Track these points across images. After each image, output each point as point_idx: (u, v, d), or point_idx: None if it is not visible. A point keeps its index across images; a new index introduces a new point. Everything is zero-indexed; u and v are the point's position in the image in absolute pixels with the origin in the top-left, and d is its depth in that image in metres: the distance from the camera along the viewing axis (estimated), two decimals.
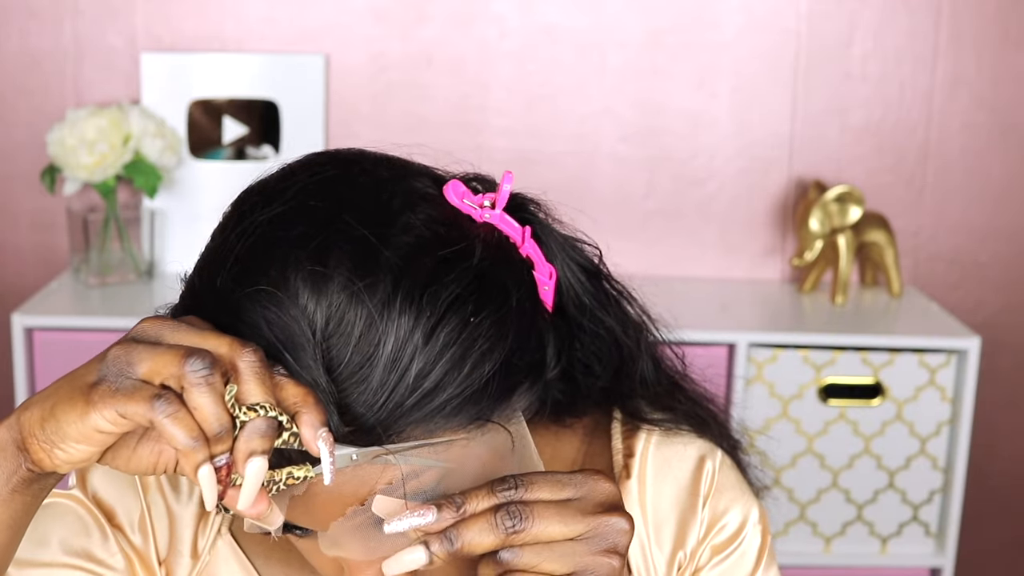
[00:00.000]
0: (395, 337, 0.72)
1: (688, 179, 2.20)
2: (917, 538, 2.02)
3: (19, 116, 2.14)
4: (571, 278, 0.85)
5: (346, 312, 0.72)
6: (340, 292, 0.72)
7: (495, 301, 0.75)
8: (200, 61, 2.10)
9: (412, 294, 0.72)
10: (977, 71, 2.18)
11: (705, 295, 2.13)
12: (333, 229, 0.74)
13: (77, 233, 2.05)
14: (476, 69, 2.15)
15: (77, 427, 0.69)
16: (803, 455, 1.97)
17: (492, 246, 0.78)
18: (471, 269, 0.75)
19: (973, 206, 2.23)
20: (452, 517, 0.73)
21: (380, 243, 0.73)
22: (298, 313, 0.72)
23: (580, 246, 0.87)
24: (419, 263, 0.73)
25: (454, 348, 0.73)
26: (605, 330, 0.87)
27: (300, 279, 0.72)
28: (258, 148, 2.13)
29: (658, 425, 0.94)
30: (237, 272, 0.75)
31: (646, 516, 0.93)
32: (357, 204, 0.76)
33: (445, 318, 0.73)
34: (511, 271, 0.78)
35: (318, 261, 0.73)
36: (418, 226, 0.75)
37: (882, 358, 1.95)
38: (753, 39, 2.16)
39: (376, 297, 0.72)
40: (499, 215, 0.80)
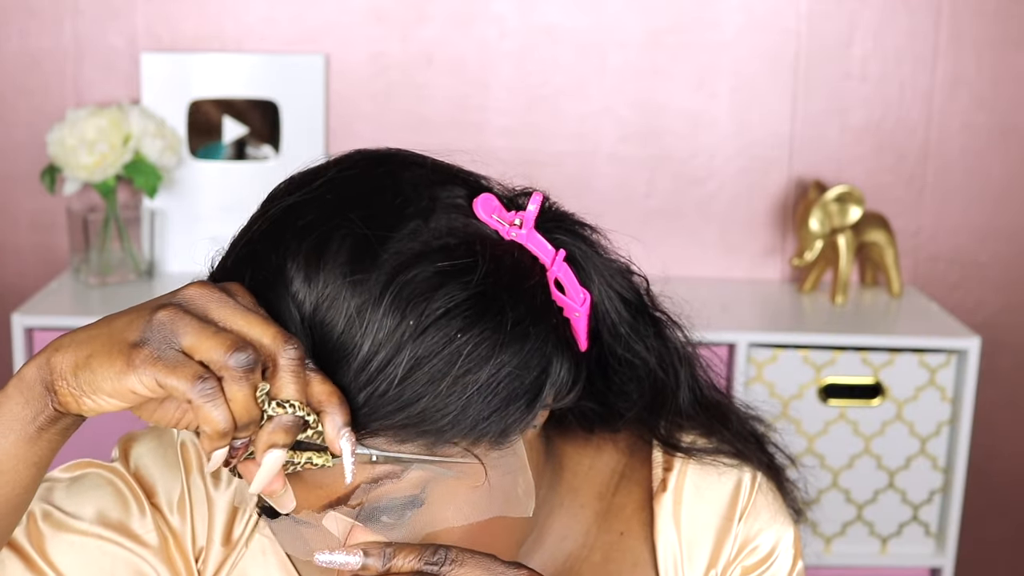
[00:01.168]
0: (374, 338, 0.72)
1: (688, 179, 2.20)
2: (917, 538, 2.02)
3: (19, 116, 2.14)
4: (608, 305, 0.84)
5: (332, 302, 0.73)
6: (330, 283, 0.73)
7: (489, 322, 0.74)
8: (200, 61, 2.10)
9: (399, 300, 0.73)
10: (977, 71, 2.18)
11: (705, 295, 2.13)
12: (337, 223, 0.75)
13: (77, 233, 2.05)
14: (476, 69, 2.15)
15: (112, 383, 0.70)
16: (803, 455, 1.97)
17: (503, 266, 0.77)
18: (469, 286, 0.74)
19: (973, 206, 2.23)
20: (376, 567, 0.73)
21: (380, 244, 0.74)
22: (289, 297, 0.73)
23: (626, 274, 0.87)
24: (415, 271, 0.74)
25: (433, 362, 0.73)
26: (640, 361, 0.87)
27: (295, 265, 0.74)
28: (258, 148, 2.14)
29: (694, 455, 0.93)
30: (246, 254, 0.77)
31: (680, 532, 0.93)
32: (368, 203, 0.76)
33: (429, 331, 0.73)
34: (518, 297, 0.77)
35: (315, 250, 0.74)
36: (426, 234, 0.75)
37: (882, 358, 1.95)
38: (753, 39, 2.16)
39: (363, 295, 0.73)
40: (526, 234, 0.79)
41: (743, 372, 1.92)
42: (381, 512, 0.75)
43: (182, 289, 0.72)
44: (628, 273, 0.87)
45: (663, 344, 0.89)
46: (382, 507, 0.75)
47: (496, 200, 0.80)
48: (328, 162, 0.82)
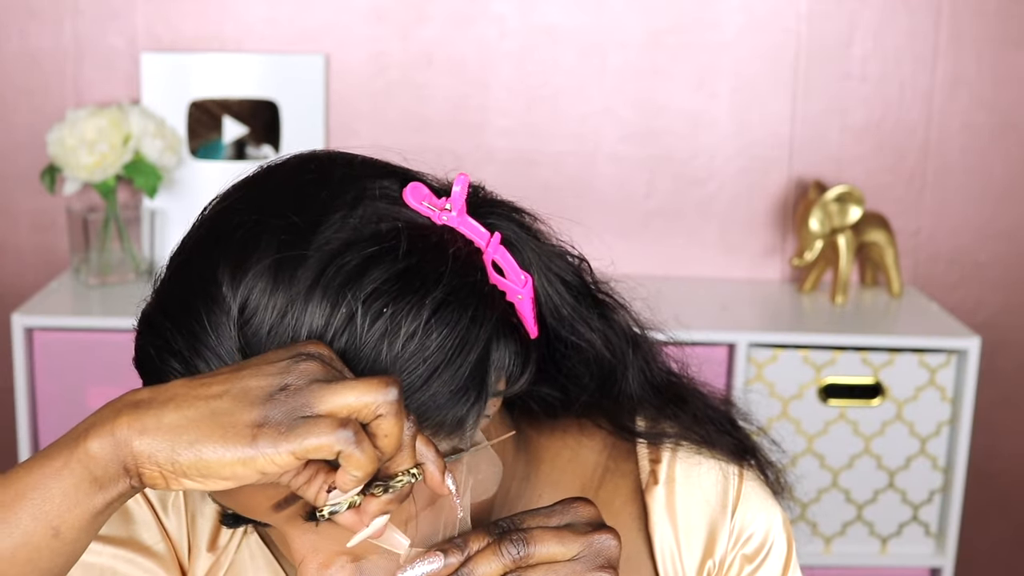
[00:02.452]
0: (308, 328, 0.73)
1: (688, 179, 2.20)
2: (917, 538, 2.02)
3: (19, 116, 2.14)
4: (549, 288, 0.84)
5: (261, 300, 0.73)
6: (256, 280, 0.73)
7: (415, 296, 0.75)
8: (200, 61, 2.10)
9: (329, 287, 0.73)
10: (977, 71, 2.18)
11: (705, 295, 2.13)
12: (263, 221, 0.76)
13: (77, 233, 2.05)
14: (476, 69, 2.15)
15: (233, 469, 0.68)
16: (803, 455, 1.97)
17: (429, 246, 0.77)
18: (395, 264, 0.75)
19: (973, 206, 2.23)
20: (458, 560, 0.75)
21: (306, 237, 0.75)
22: (220, 300, 0.74)
23: (565, 256, 0.87)
24: (342, 257, 0.74)
25: (367, 339, 0.73)
26: (586, 343, 0.87)
27: (223, 267, 0.74)
28: (258, 148, 2.14)
29: (655, 440, 0.94)
30: (179, 264, 0.78)
31: (675, 522, 0.93)
32: (294, 200, 0.77)
33: (360, 311, 0.73)
34: (445, 270, 0.77)
35: (242, 250, 0.74)
36: (353, 223, 0.76)
37: (882, 358, 1.95)
38: (753, 39, 2.16)
39: (293, 288, 0.73)
40: (458, 218, 0.79)
41: (743, 372, 1.92)
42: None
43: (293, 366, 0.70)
44: (566, 255, 0.87)
45: (608, 326, 0.89)
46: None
47: (426, 188, 0.80)
48: (260, 167, 0.82)
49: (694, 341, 2.02)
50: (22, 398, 1.88)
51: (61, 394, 1.90)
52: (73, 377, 1.89)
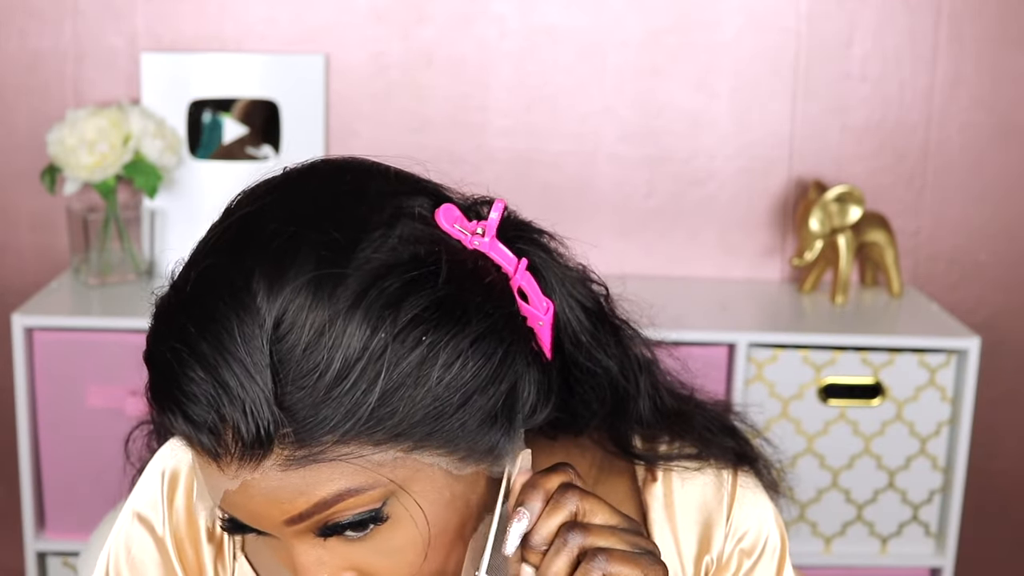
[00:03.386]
0: (346, 350, 0.72)
1: (688, 179, 2.20)
2: (917, 538, 2.02)
3: (19, 116, 2.14)
4: (569, 315, 0.84)
5: (298, 317, 0.72)
6: (295, 296, 0.72)
7: (455, 326, 0.74)
8: (200, 61, 2.10)
9: (370, 309, 0.72)
10: (977, 71, 2.18)
11: (705, 295, 2.13)
12: (303, 233, 0.74)
13: (77, 233, 2.05)
14: (476, 69, 2.15)
15: None
16: (803, 455, 1.97)
17: (467, 273, 0.77)
18: (435, 292, 0.74)
19: (973, 206, 2.23)
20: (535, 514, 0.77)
21: (346, 256, 0.73)
22: (254, 311, 0.72)
23: (586, 282, 0.87)
24: (383, 280, 0.73)
25: (404, 366, 0.73)
26: (602, 370, 0.87)
27: (259, 277, 0.73)
28: (258, 148, 2.14)
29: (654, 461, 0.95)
30: (208, 267, 0.75)
31: (673, 519, 0.94)
32: (332, 213, 0.76)
33: (398, 338, 0.72)
34: (483, 300, 0.77)
35: (279, 262, 0.73)
36: (391, 244, 0.75)
37: (882, 358, 1.95)
38: (753, 39, 2.16)
39: (332, 307, 0.72)
40: (489, 243, 0.79)
41: (743, 372, 1.92)
42: (343, 528, 0.75)
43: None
44: (587, 281, 0.88)
45: (623, 352, 0.90)
46: (344, 522, 0.75)
47: (458, 210, 0.80)
48: (287, 171, 0.81)
49: (694, 341, 2.02)
50: (22, 398, 1.88)
51: (61, 394, 1.90)
52: (73, 377, 1.89)
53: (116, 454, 1.95)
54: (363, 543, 0.76)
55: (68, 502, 1.94)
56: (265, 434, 0.71)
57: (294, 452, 0.72)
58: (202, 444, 0.73)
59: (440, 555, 0.78)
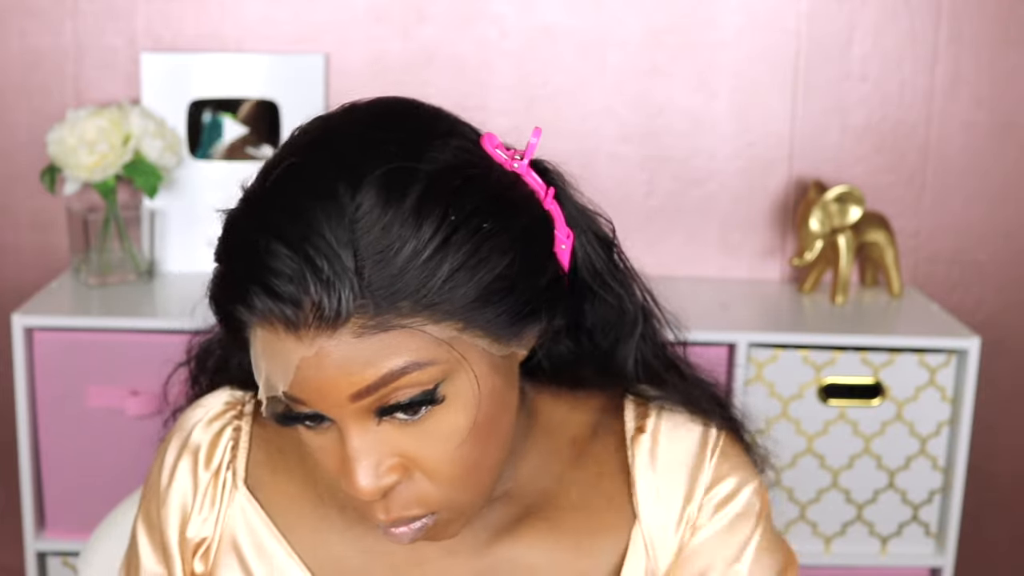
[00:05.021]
0: (418, 231, 0.79)
1: (688, 179, 2.20)
2: (917, 538, 2.02)
3: (19, 116, 2.14)
4: (587, 244, 0.93)
5: (377, 202, 0.80)
6: (373, 186, 0.80)
7: (507, 219, 0.84)
8: (200, 61, 2.10)
9: (439, 198, 0.81)
10: (977, 71, 2.18)
11: (705, 295, 2.13)
12: (376, 135, 0.83)
13: (77, 233, 2.05)
14: (476, 69, 2.15)
15: None
16: (803, 455, 1.97)
17: (510, 183, 0.87)
18: (490, 188, 0.84)
19: (973, 206, 2.23)
20: None
21: (416, 153, 0.83)
22: (336, 196, 0.80)
23: (596, 218, 0.97)
24: (448, 175, 0.82)
25: (466, 248, 0.81)
26: (613, 297, 0.96)
27: (339, 169, 0.81)
28: (258, 148, 2.14)
29: (664, 407, 1.01)
30: (287, 167, 0.83)
31: (656, 468, 0.99)
32: (401, 122, 0.86)
33: (462, 226, 0.81)
34: (526, 206, 0.87)
35: (357, 156, 0.82)
36: (452, 149, 0.85)
37: (882, 358, 1.95)
38: (753, 39, 2.16)
39: (407, 195, 0.80)
40: (526, 167, 0.90)
41: (743, 372, 1.92)
42: (398, 409, 0.81)
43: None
44: (598, 216, 0.98)
45: (629, 284, 0.98)
46: (400, 403, 0.81)
47: (498, 139, 0.91)
48: (346, 105, 0.89)
49: (694, 341, 2.02)
50: (22, 398, 1.88)
51: (61, 394, 1.90)
52: (73, 377, 1.89)
53: (116, 454, 1.96)
54: (414, 428, 0.83)
55: (68, 502, 1.94)
56: (345, 302, 0.78)
57: (368, 320, 0.79)
58: (284, 315, 0.79)
59: (479, 445, 0.85)
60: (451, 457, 0.84)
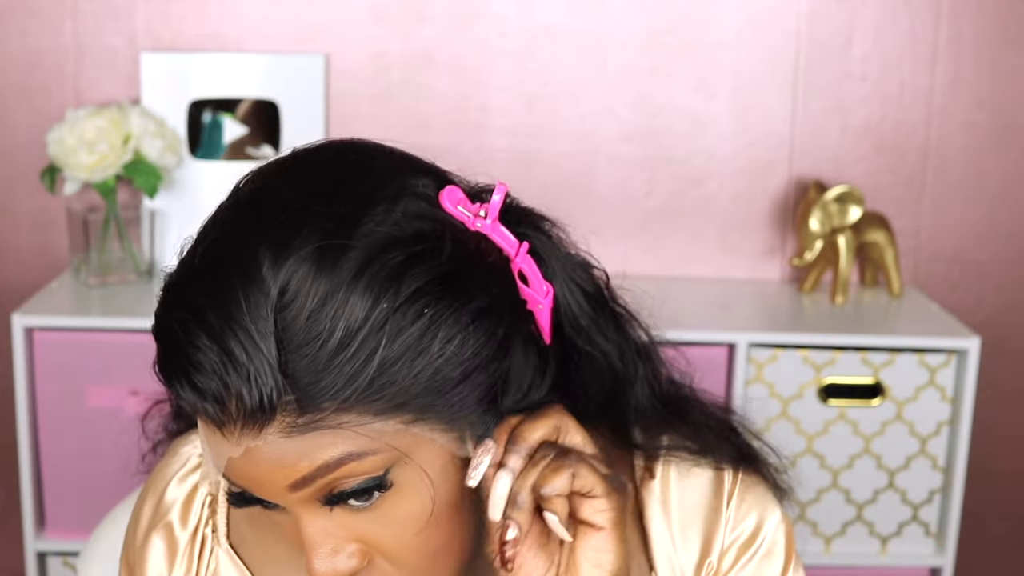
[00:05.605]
0: (348, 319, 0.73)
1: (688, 179, 2.20)
2: (917, 538, 2.02)
3: (19, 116, 2.14)
4: (570, 299, 0.86)
5: (302, 286, 0.73)
6: (299, 267, 0.74)
7: (457, 301, 0.76)
8: (200, 61, 2.10)
9: (373, 280, 0.74)
10: (977, 71, 2.18)
11: (705, 295, 2.13)
12: (308, 207, 0.76)
13: (77, 233, 2.05)
14: (476, 69, 2.15)
15: None
16: (803, 455, 1.97)
17: (469, 252, 0.79)
18: (438, 266, 0.76)
19: (973, 206, 2.23)
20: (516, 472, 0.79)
21: (350, 228, 0.75)
22: (259, 281, 0.74)
23: (586, 268, 0.89)
24: (387, 253, 0.75)
25: (404, 338, 0.75)
26: (601, 353, 0.88)
27: (265, 249, 0.74)
28: (258, 148, 2.13)
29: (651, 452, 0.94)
30: (216, 239, 0.78)
31: (670, 516, 0.93)
32: (338, 189, 0.78)
33: (401, 308, 0.74)
34: (485, 279, 0.79)
35: (285, 234, 0.75)
36: (396, 218, 0.77)
37: (882, 358, 1.95)
38: (753, 39, 2.16)
39: (336, 277, 0.74)
40: (491, 225, 0.81)
41: (743, 372, 1.92)
42: (346, 497, 0.77)
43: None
44: (588, 267, 0.89)
45: (623, 338, 0.90)
46: (345, 491, 0.76)
47: (461, 192, 0.82)
48: (295, 151, 0.83)
49: (694, 341, 2.02)
50: (22, 398, 1.88)
51: (61, 394, 1.90)
52: (73, 377, 1.89)
53: (116, 454, 1.95)
54: (369, 514, 0.78)
55: (68, 502, 1.94)
56: (268, 401, 0.73)
57: (296, 419, 0.74)
58: (207, 412, 0.75)
59: (444, 530, 0.80)
60: (412, 544, 0.79)
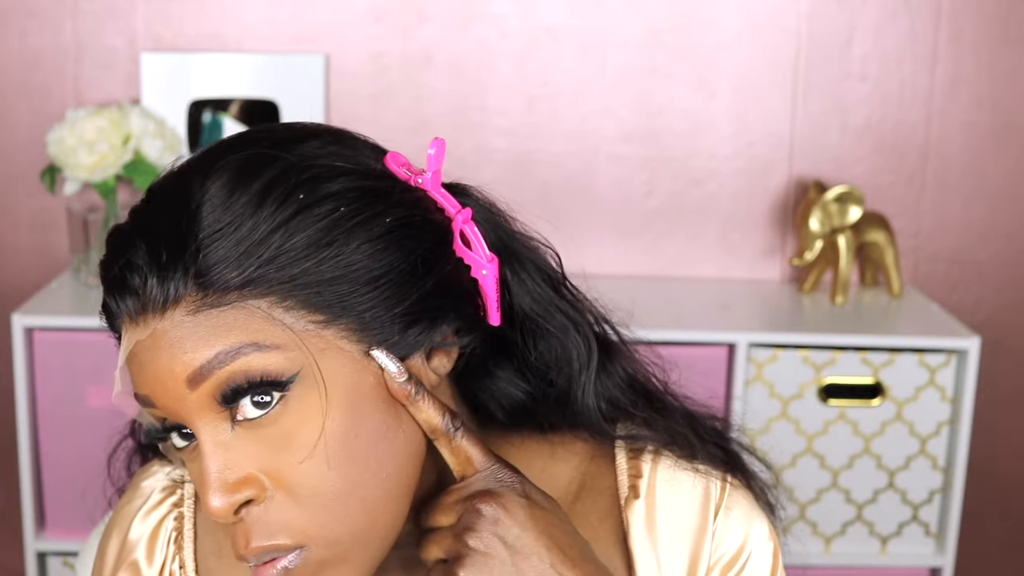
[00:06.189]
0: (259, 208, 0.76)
1: (688, 179, 2.20)
2: (917, 538, 2.02)
3: (19, 116, 2.14)
4: (524, 277, 0.86)
5: (223, 185, 0.77)
6: (225, 171, 0.78)
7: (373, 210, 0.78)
8: (200, 61, 2.10)
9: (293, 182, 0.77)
10: (977, 71, 2.18)
11: (705, 295, 2.13)
12: (248, 137, 0.82)
13: (77, 233, 2.05)
14: (476, 69, 2.15)
15: None
16: (803, 455, 1.97)
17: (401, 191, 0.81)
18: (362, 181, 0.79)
19: (973, 206, 2.23)
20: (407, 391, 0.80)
21: (281, 149, 0.79)
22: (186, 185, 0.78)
23: (539, 249, 0.89)
24: (307, 166, 0.78)
25: (316, 228, 0.76)
26: (559, 330, 0.88)
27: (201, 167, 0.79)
28: None
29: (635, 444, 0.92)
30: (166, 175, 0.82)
31: (655, 537, 0.90)
32: (284, 127, 0.84)
33: (315, 204, 0.77)
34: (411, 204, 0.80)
35: (221, 155, 0.79)
36: (330, 152, 0.81)
37: (882, 358, 1.95)
38: (753, 39, 2.16)
39: (258, 177, 0.77)
40: (432, 182, 0.83)
41: (743, 372, 1.92)
42: (240, 394, 0.76)
43: None
44: (542, 246, 0.89)
45: (579, 315, 0.89)
46: (240, 386, 0.76)
47: (405, 158, 0.84)
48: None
49: (694, 341, 2.02)
50: (22, 398, 1.88)
51: (61, 394, 1.90)
52: (73, 377, 1.89)
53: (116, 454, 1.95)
54: (265, 435, 0.77)
55: (68, 502, 1.94)
56: (175, 283, 0.75)
57: (203, 298, 0.75)
58: (128, 308, 0.77)
59: (346, 468, 0.77)
60: (309, 473, 0.76)
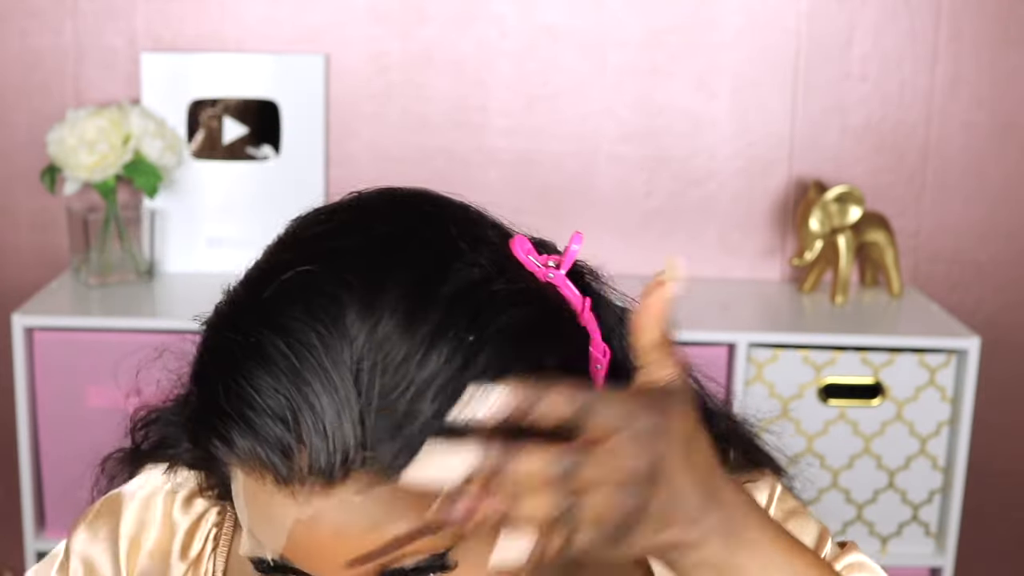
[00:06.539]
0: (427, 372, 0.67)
1: (688, 179, 2.20)
2: (917, 538, 2.02)
3: (19, 116, 2.14)
4: (621, 355, 0.79)
5: (389, 336, 0.67)
6: (389, 316, 0.68)
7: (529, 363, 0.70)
8: (200, 61, 2.10)
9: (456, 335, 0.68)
10: (977, 71, 2.18)
11: (705, 295, 2.13)
12: (393, 251, 0.70)
13: (77, 233, 2.05)
14: (476, 69, 2.15)
15: None
16: (803, 455, 1.97)
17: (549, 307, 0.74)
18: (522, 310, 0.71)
19: (973, 206, 2.23)
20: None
21: (439, 276, 0.70)
22: (343, 327, 0.68)
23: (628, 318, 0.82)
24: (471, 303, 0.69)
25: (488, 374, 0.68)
26: None
27: (350, 291, 0.68)
28: (258, 148, 2.13)
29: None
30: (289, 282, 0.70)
31: None
32: (421, 232, 0.72)
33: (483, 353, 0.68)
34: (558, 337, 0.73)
35: (372, 278, 0.69)
36: (482, 265, 0.71)
37: (882, 358, 1.95)
38: (753, 39, 2.15)
39: (425, 327, 0.68)
40: (562, 277, 0.75)
41: (743, 372, 1.92)
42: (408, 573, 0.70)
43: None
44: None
45: None
46: (404, 569, 0.69)
47: (529, 242, 0.76)
48: (358, 193, 0.78)
49: (694, 341, 2.02)
50: (22, 398, 1.88)
51: (61, 394, 1.90)
52: (73, 377, 1.89)
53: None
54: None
55: (68, 502, 1.93)
56: (345, 456, 0.66)
57: (371, 479, 0.67)
58: (273, 466, 0.66)
59: None
60: None
